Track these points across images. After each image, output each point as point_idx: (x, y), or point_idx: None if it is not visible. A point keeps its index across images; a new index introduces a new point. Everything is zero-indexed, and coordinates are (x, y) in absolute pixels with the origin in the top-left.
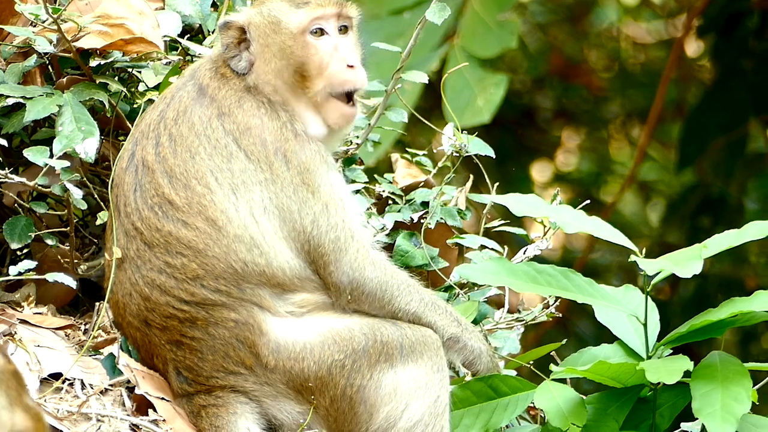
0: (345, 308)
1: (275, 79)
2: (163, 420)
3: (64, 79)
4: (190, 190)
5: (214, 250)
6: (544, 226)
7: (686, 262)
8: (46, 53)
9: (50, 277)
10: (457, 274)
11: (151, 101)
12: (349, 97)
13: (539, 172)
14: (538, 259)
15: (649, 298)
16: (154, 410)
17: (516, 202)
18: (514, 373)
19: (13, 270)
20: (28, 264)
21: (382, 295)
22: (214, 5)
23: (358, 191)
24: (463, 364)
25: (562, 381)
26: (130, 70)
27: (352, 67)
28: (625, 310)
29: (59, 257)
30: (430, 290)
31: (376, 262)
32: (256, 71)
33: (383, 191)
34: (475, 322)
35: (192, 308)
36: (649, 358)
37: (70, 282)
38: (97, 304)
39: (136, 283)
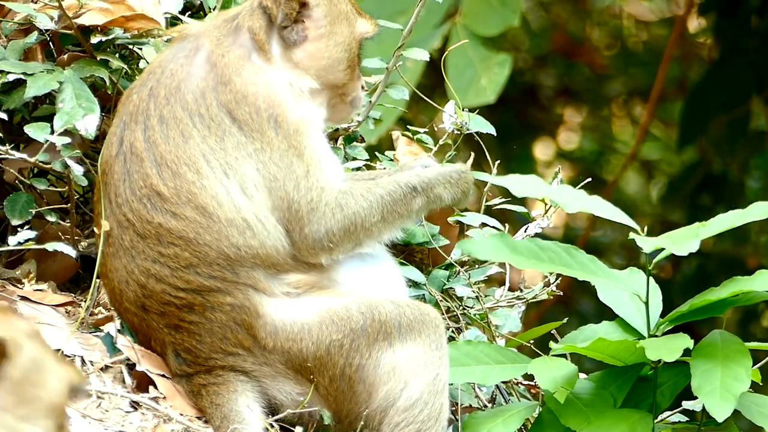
0: (336, 267)
1: (326, 66)
2: (164, 397)
3: (65, 56)
4: (179, 178)
5: (205, 238)
6: (545, 204)
7: (683, 240)
8: (47, 30)
9: (50, 246)
10: (459, 250)
11: None
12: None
13: (542, 150)
14: (540, 236)
15: (650, 276)
16: (155, 387)
17: (515, 183)
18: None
19: (12, 240)
20: (28, 234)
21: (354, 229)
22: None
23: (358, 168)
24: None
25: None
26: (131, 47)
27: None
28: (627, 289)
29: (60, 234)
30: (386, 176)
31: (341, 203)
32: (307, 50)
33: (384, 169)
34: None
35: (188, 294)
36: (649, 336)
37: (70, 251)
38: (96, 280)
39: (132, 272)
